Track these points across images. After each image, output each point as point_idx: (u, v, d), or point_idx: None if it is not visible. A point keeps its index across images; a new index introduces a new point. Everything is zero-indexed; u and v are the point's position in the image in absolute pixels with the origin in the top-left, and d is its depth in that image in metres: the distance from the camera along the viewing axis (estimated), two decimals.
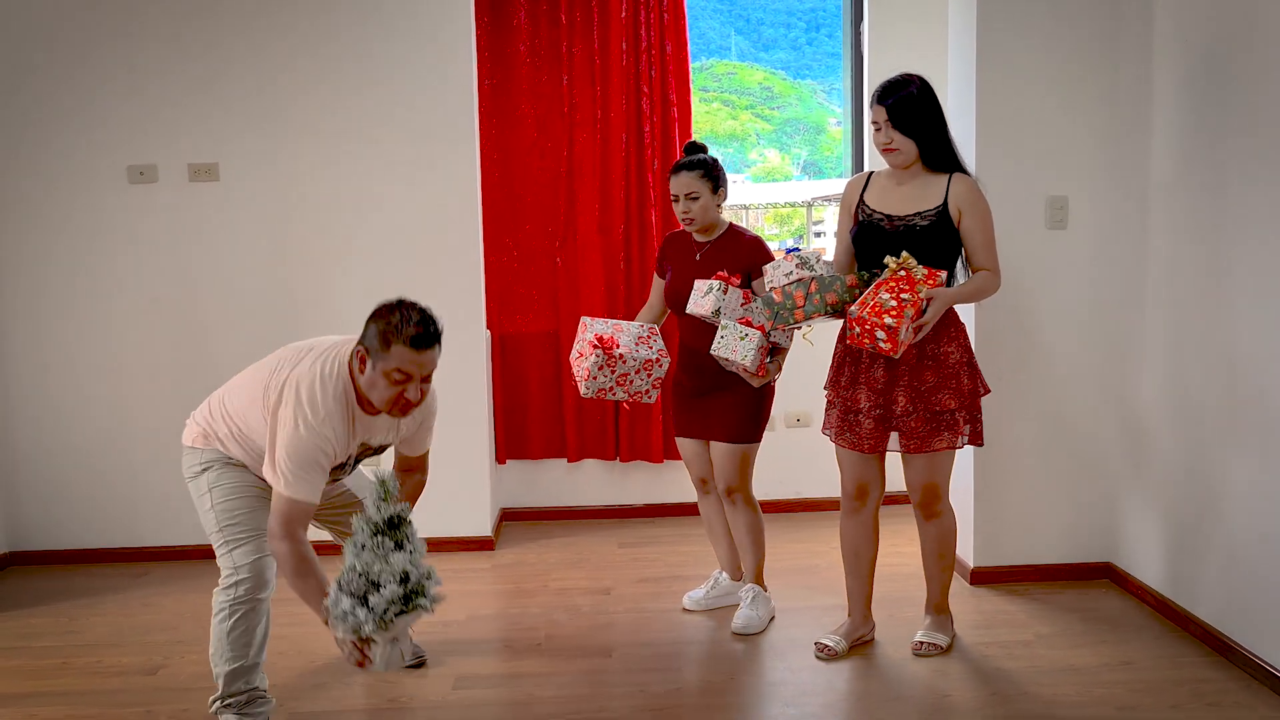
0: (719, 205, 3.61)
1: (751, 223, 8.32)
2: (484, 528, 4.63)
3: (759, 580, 3.74)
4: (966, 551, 4.09)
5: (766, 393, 3.60)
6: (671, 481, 4.99)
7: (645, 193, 4.84)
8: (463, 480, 4.59)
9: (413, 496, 3.22)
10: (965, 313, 3.97)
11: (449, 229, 4.49)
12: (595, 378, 3.44)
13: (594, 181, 4.84)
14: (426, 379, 2.82)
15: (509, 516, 5.02)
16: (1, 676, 3.41)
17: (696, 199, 3.55)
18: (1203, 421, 3.48)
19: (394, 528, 2.52)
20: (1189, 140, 3.54)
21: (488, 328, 4.73)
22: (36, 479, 4.52)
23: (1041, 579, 4.04)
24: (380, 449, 3.10)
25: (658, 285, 3.80)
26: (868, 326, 2.98)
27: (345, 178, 4.44)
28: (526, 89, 4.81)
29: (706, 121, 8.33)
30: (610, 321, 3.59)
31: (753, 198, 8.96)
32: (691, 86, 4.94)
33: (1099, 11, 3.88)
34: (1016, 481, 4.02)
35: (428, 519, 4.55)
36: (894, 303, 2.97)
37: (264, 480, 2.90)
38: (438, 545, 4.56)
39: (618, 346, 3.46)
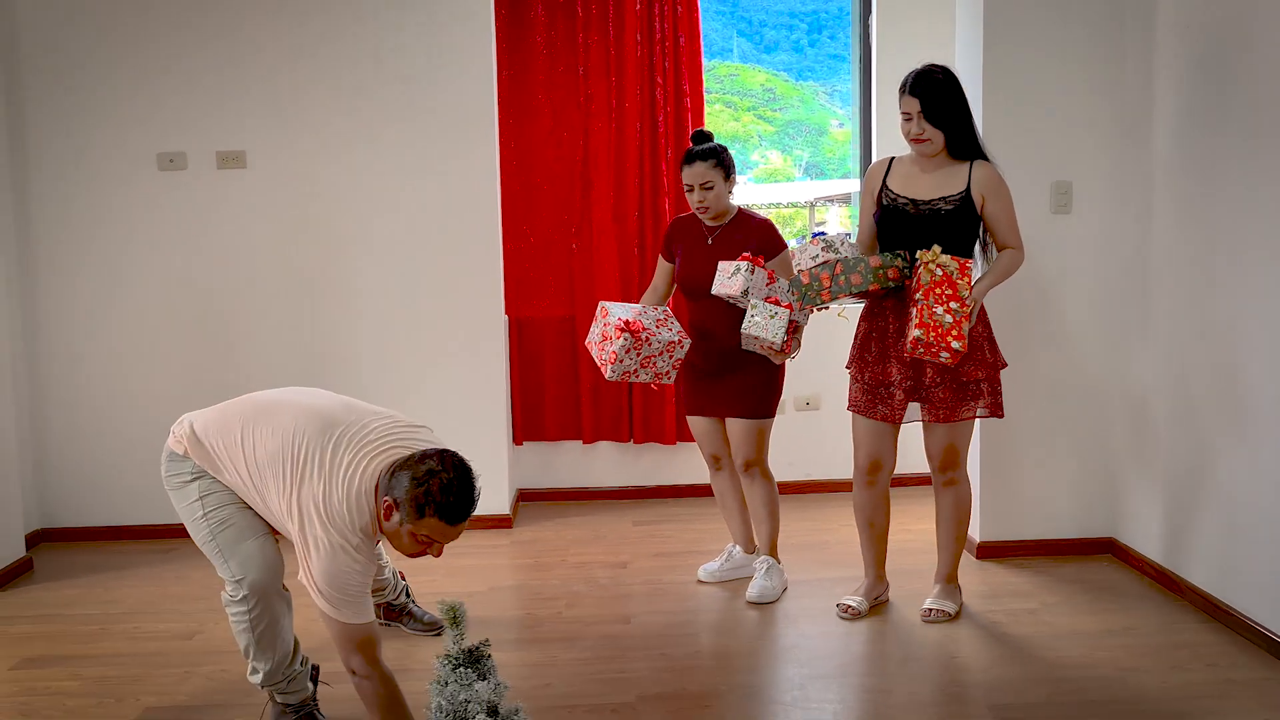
0: (730, 192, 3.73)
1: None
2: (503, 506, 4.76)
3: (773, 553, 3.86)
4: (973, 526, 4.21)
5: (778, 370, 3.73)
6: (684, 462, 5.11)
7: (659, 181, 4.97)
8: (481, 461, 4.62)
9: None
10: None
11: (469, 216, 4.62)
12: (622, 360, 3.54)
13: (609, 170, 4.97)
14: (439, 546, 2.58)
15: (526, 497, 5.15)
16: (45, 641, 3.55)
17: (711, 188, 3.67)
18: (1198, 400, 3.60)
19: (475, 662, 2.50)
20: (1188, 128, 3.66)
21: (505, 312, 4.85)
22: (67, 459, 4.65)
23: (1046, 553, 4.17)
24: None
25: (663, 268, 3.92)
26: (934, 348, 3.16)
27: (369, 165, 4.58)
28: (544, 80, 4.94)
29: (709, 123, 8.38)
30: (628, 306, 3.71)
31: (755, 199, 9.05)
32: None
33: (1102, 3, 4.00)
34: (1022, 459, 4.15)
35: None
36: (950, 319, 3.15)
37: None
38: None
39: (643, 329, 3.57)
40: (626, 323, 3.56)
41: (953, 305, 3.16)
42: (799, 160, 9.81)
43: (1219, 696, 2.97)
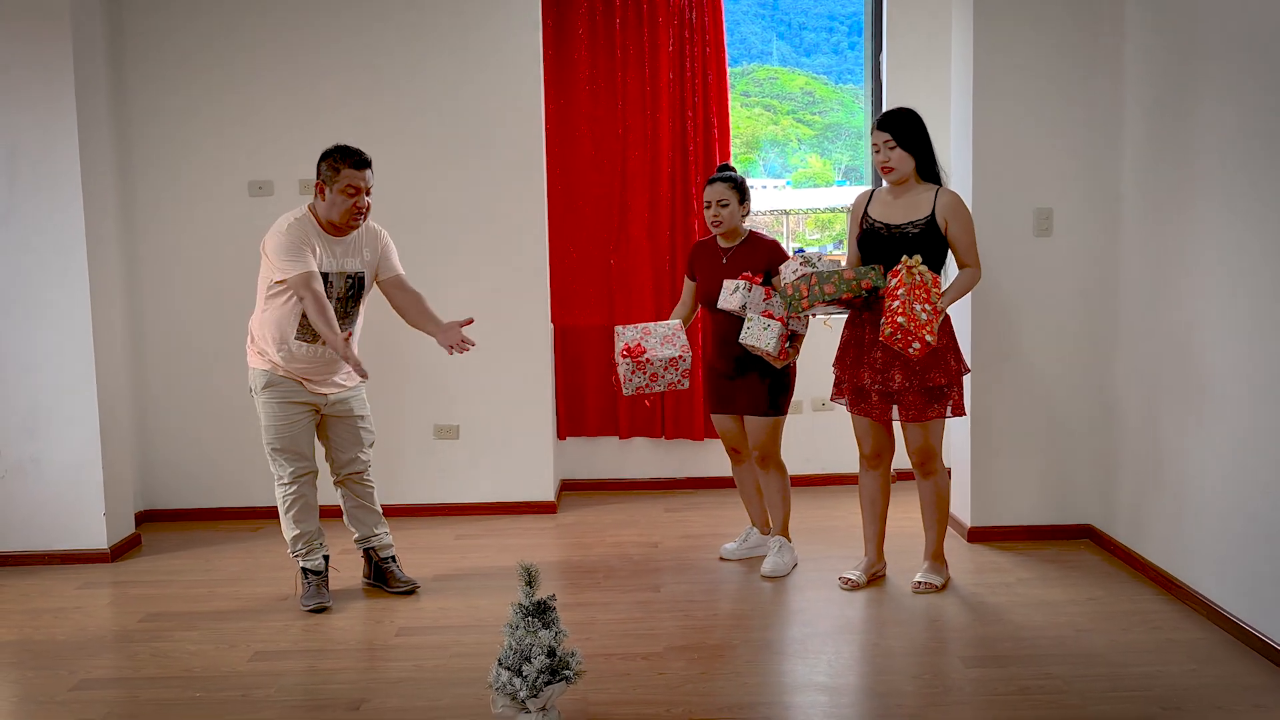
0: (743, 215, 4.29)
1: (792, 227, 8.66)
2: (548, 494, 5.35)
3: (785, 533, 4.42)
4: (964, 513, 4.75)
5: (790, 373, 4.29)
6: (711, 457, 5.68)
7: (689, 203, 5.54)
8: (529, 453, 5.32)
9: (418, 301, 4.15)
10: (964, 307, 4.65)
11: (519, 235, 5.22)
12: (630, 380, 4.16)
13: (644, 194, 5.56)
14: (369, 192, 3.87)
15: (568, 487, 5.74)
16: (162, 600, 4.19)
17: (726, 205, 4.23)
18: (1161, 398, 4.13)
19: (541, 612, 3.02)
20: (1149, 160, 4.19)
21: (551, 321, 5.44)
22: (167, 451, 5.31)
23: (1030, 538, 4.69)
24: (360, 281, 4.01)
25: (689, 287, 4.48)
26: (910, 336, 3.71)
27: (432, 192, 5.19)
28: (586, 113, 5.53)
29: (748, 127, 8.66)
30: (640, 326, 4.27)
31: (794, 203, 9.30)
32: (733, 92, 5.64)
33: (1079, 47, 4.53)
34: (1009, 453, 4.68)
35: (500, 487, 5.36)
36: (925, 317, 3.71)
37: (307, 405, 4.01)
38: (509, 509, 5.32)
39: (644, 353, 4.15)
40: (627, 347, 4.15)
41: (927, 307, 3.71)
42: (838, 164, 9.98)
43: (1155, 650, 3.50)
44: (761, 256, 4.24)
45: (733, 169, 4.39)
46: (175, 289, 5.24)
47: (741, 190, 4.27)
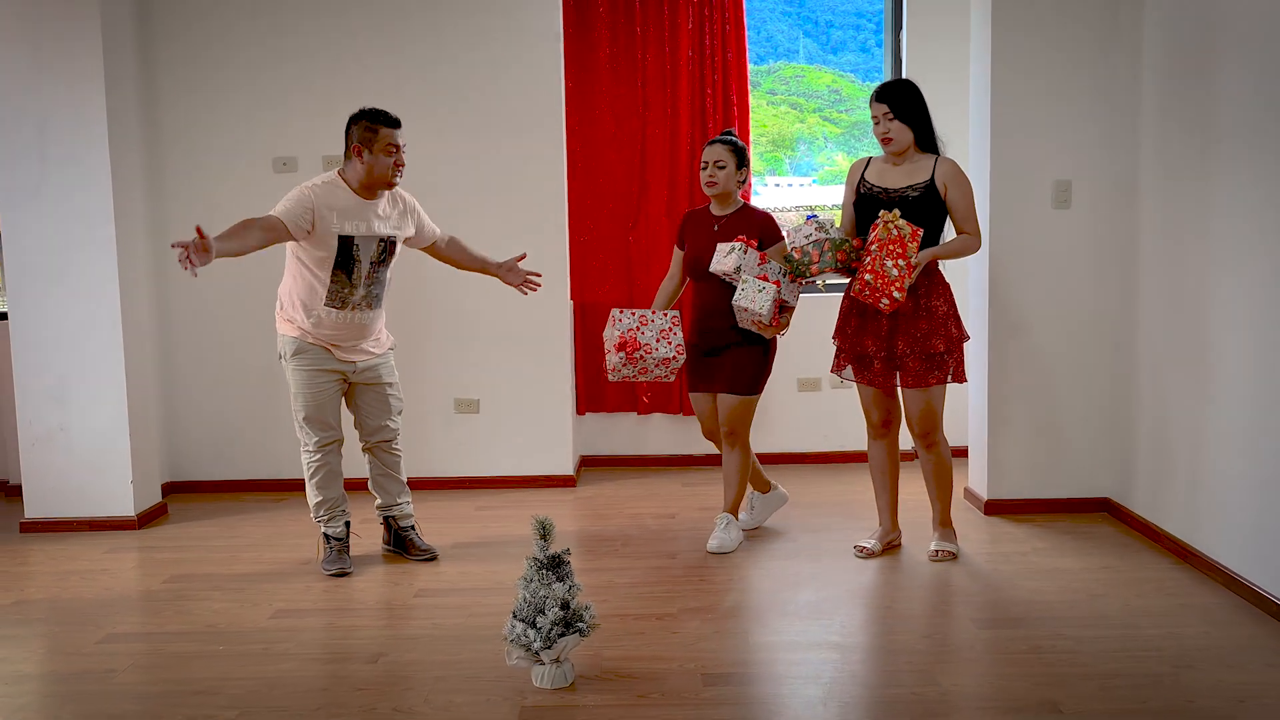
0: (740, 182, 4.26)
1: (825, 218, 8.78)
2: (567, 467, 5.40)
3: (734, 511, 4.36)
4: (981, 486, 4.76)
5: (771, 353, 4.25)
6: None
7: None
8: (549, 427, 5.37)
9: (464, 249, 4.42)
10: (980, 279, 4.66)
11: (540, 212, 5.27)
12: (618, 370, 4.17)
13: (663, 171, 5.59)
14: (402, 149, 3.99)
15: (588, 462, 5.79)
16: (187, 564, 4.27)
17: (723, 167, 4.20)
18: (1177, 369, 4.12)
19: (555, 565, 3.07)
20: (1167, 131, 4.19)
21: (570, 297, 5.49)
22: (193, 423, 5.40)
23: (1047, 511, 4.69)
24: (390, 244, 4.08)
25: (677, 257, 4.41)
26: (878, 293, 3.73)
27: (453, 168, 5.25)
28: (606, 90, 5.58)
29: (774, 125, 8.68)
30: (637, 314, 4.20)
31: (820, 199, 9.31)
32: (759, 90, 5.66)
33: (1098, 19, 4.52)
34: (1025, 425, 4.68)
35: (520, 461, 5.43)
36: (896, 273, 3.72)
37: (336, 373, 4.06)
38: (529, 482, 5.38)
39: (638, 348, 4.12)
40: (623, 340, 4.11)
41: (900, 262, 3.72)
42: None
43: (1168, 614, 3.50)
44: (755, 227, 4.21)
45: (734, 134, 4.38)
46: (203, 272, 5.30)
47: (740, 155, 4.25)
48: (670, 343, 4.17)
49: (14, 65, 4.59)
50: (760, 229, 4.21)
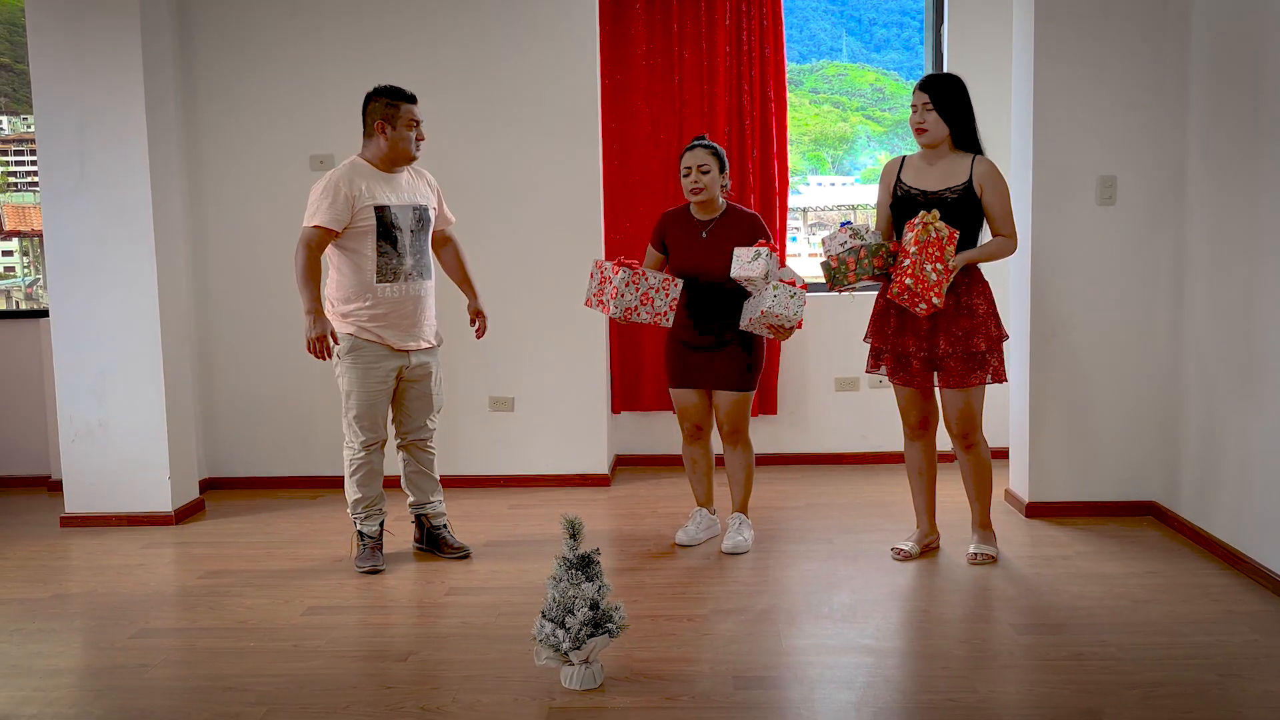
0: (722, 186, 4.17)
1: (859, 225, 8.71)
2: (602, 466, 5.37)
3: (744, 510, 4.33)
4: (1022, 489, 4.67)
5: (762, 350, 4.20)
6: (765, 435, 5.66)
7: (745, 178, 5.52)
8: (584, 426, 5.35)
9: (462, 265, 4.36)
10: (1023, 278, 4.58)
11: (576, 208, 5.25)
12: (622, 295, 4.01)
13: None
14: (421, 124, 4.04)
15: (623, 461, 5.76)
16: (222, 559, 4.28)
17: (707, 172, 4.12)
18: (1224, 371, 4.01)
19: (585, 565, 3.04)
20: (1214, 129, 4.07)
21: None
22: (230, 420, 5.43)
23: (1090, 514, 4.59)
24: (425, 213, 4.11)
25: (651, 256, 4.30)
26: (918, 297, 3.66)
27: (492, 165, 5.24)
28: (643, 88, 5.54)
29: (816, 123, 8.63)
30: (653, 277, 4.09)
31: (862, 199, 9.26)
32: (802, 89, 5.57)
33: (1145, 9, 4.42)
34: (1069, 427, 4.58)
35: (555, 459, 5.40)
36: (935, 277, 3.65)
37: (390, 370, 4.02)
38: (563, 481, 5.36)
39: (638, 267, 4.04)
40: (623, 259, 4.06)
41: (938, 266, 3.65)
42: None
43: (1215, 621, 3.40)
44: (745, 229, 4.14)
45: (707, 138, 4.26)
46: (238, 260, 5.36)
47: (720, 158, 4.17)
48: (658, 275, 4.09)
49: (55, 64, 4.64)
50: (752, 229, 4.14)
